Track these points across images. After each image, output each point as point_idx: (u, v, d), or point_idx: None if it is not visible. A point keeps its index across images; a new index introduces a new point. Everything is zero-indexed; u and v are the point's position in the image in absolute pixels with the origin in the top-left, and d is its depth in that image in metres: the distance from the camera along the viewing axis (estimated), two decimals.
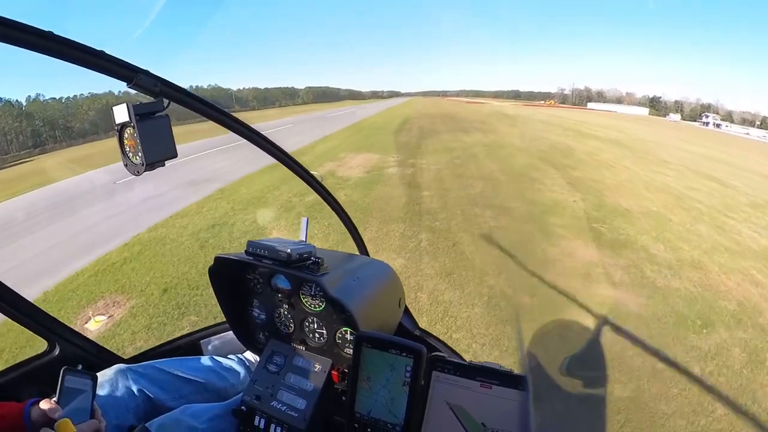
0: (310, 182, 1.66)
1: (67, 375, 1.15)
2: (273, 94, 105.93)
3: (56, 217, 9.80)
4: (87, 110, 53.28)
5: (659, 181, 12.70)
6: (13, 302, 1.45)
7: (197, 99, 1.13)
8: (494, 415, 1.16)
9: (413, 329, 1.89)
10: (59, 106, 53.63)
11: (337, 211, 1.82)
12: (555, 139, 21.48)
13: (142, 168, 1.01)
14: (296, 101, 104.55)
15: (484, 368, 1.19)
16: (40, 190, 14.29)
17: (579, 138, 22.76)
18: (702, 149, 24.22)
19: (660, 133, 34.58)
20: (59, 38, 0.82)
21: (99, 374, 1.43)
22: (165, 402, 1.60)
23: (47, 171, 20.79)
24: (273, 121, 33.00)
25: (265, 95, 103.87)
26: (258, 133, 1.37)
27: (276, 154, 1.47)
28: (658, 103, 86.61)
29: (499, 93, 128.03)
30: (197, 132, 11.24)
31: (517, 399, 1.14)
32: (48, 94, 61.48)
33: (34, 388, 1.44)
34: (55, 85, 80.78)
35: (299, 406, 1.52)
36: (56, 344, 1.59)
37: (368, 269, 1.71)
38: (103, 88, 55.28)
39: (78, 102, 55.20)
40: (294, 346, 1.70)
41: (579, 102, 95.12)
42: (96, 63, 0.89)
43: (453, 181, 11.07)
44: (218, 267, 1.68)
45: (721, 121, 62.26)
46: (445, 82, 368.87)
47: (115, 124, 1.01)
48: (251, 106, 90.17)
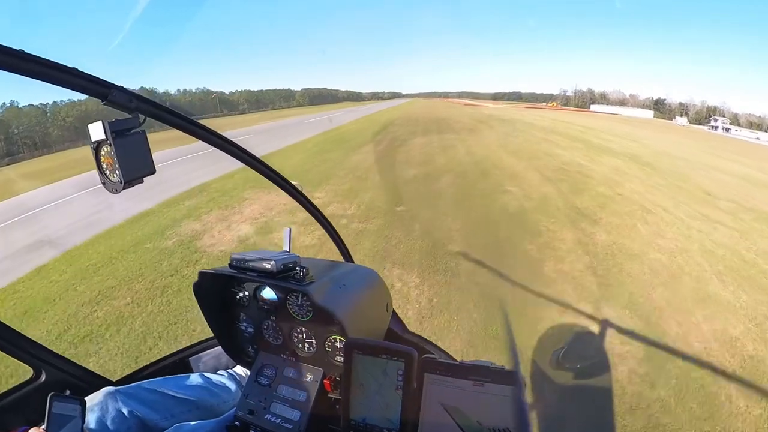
0: (289, 191, 1.66)
1: (55, 401, 1.13)
2: (267, 97, 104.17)
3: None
4: (65, 117, 51.75)
5: (719, 241, 7.90)
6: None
7: (173, 113, 1.12)
8: (489, 413, 1.16)
9: (402, 332, 1.90)
10: (36, 113, 51.89)
11: (318, 219, 1.82)
12: (562, 156, 16.51)
13: (120, 186, 1.00)
14: (291, 104, 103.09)
15: (476, 367, 1.20)
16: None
17: (591, 152, 18.00)
18: (737, 166, 19.24)
19: (678, 142, 29.68)
20: (30, 57, 0.81)
21: (87, 398, 1.41)
22: (157, 422, 1.58)
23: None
24: (235, 130, 26.10)
25: (258, 97, 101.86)
26: (237, 145, 1.37)
27: (257, 166, 1.48)
28: (662, 105, 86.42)
29: (500, 95, 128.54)
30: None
31: (510, 395, 1.15)
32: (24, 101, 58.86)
33: (22, 417, 1.41)
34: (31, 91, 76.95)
35: (293, 417, 1.51)
36: (42, 370, 1.55)
37: (354, 276, 1.71)
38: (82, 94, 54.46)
39: (56, 108, 53.58)
40: (284, 358, 1.68)
41: (582, 104, 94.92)
42: (69, 81, 0.88)
43: (381, 262, 6.39)
44: (202, 282, 1.66)
45: (730, 125, 60.13)
46: (448, 83, 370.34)
47: (91, 143, 1.00)
48: (241, 110, 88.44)
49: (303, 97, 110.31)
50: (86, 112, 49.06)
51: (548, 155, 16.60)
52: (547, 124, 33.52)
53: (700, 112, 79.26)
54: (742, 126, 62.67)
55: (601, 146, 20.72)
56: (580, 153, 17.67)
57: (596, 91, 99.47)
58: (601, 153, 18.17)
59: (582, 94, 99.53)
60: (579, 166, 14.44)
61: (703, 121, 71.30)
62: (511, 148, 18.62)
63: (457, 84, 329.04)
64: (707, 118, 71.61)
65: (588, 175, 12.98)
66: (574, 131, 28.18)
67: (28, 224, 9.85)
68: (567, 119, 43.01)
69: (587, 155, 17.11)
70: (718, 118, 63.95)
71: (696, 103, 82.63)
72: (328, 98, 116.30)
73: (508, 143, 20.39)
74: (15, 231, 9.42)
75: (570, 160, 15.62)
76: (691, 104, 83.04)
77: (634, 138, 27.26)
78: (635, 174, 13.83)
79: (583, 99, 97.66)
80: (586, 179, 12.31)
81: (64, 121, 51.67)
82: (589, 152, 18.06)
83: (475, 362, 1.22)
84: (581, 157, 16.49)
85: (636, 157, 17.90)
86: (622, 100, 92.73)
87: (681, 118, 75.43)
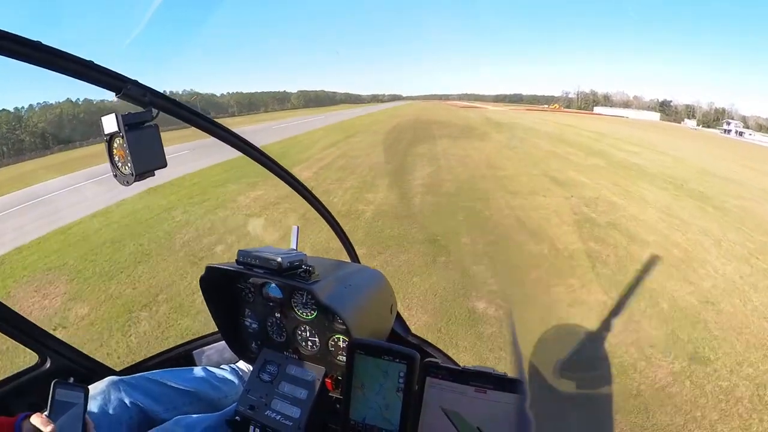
0: (300, 191, 1.66)
1: (58, 388, 1.14)
2: (260, 99, 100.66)
3: None
4: (36, 123, 47.45)
5: None
6: (2, 315, 1.43)
7: (186, 109, 1.13)
8: (490, 420, 1.16)
9: (406, 335, 1.89)
10: (8, 118, 47.31)
11: (327, 219, 1.82)
12: (582, 186, 11.41)
13: (131, 178, 1.00)
14: (285, 106, 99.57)
15: (478, 373, 1.20)
16: None
17: (619, 175, 13.22)
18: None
19: (708, 152, 24.65)
20: (48, 48, 0.82)
21: (91, 387, 1.42)
22: (158, 414, 1.59)
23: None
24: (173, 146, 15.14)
25: (250, 100, 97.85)
26: (250, 144, 1.37)
27: (269, 165, 1.48)
28: (668, 107, 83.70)
29: (501, 97, 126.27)
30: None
31: (513, 402, 1.14)
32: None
33: (25, 402, 1.42)
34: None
35: (293, 414, 1.51)
36: (47, 357, 1.57)
37: (359, 276, 1.72)
38: (58, 96, 49.76)
39: (32, 112, 49.16)
40: (287, 355, 1.69)
41: (584, 106, 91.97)
42: (85, 73, 0.89)
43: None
44: (209, 277, 1.68)
45: (743, 128, 56.78)
46: (449, 85, 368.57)
47: (104, 134, 1.01)
48: (230, 113, 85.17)
49: (298, 100, 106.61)
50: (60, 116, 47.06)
51: (561, 184, 11.48)
52: (552, 130, 29.27)
53: (707, 114, 76.67)
54: (751, 129, 59.51)
55: (626, 163, 16.03)
56: (604, 177, 12.71)
57: (599, 92, 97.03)
58: (632, 176, 13.25)
59: (585, 95, 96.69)
60: (612, 207, 9.46)
61: (711, 123, 68.88)
62: (507, 169, 13.39)
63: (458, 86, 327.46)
64: (715, 120, 69.48)
65: (630, 230, 8.00)
66: (586, 139, 24.10)
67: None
68: (573, 123, 39.24)
69: (615, 182, 12.19)
70: (731, 121, 61.23)
71: (702, 105, 79.93)
72: (324, 100, 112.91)
73: (503, 161, 15.08)
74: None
75: (595, 194, 10.45)
76: (698, 106, 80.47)
77: (661, 150, 22.22)
78: (698, 221, 8.98)
79: (585, 101, 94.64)
80: (629, 242, 7.40)
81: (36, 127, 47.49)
82: (617, 175, 13.29)
83: (477, 368, 1.21)
84: (609, 186, 11.57)
85: (679, 182, 13.01)
86: (626, 101, 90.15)
87: (690, 120, 72.46)
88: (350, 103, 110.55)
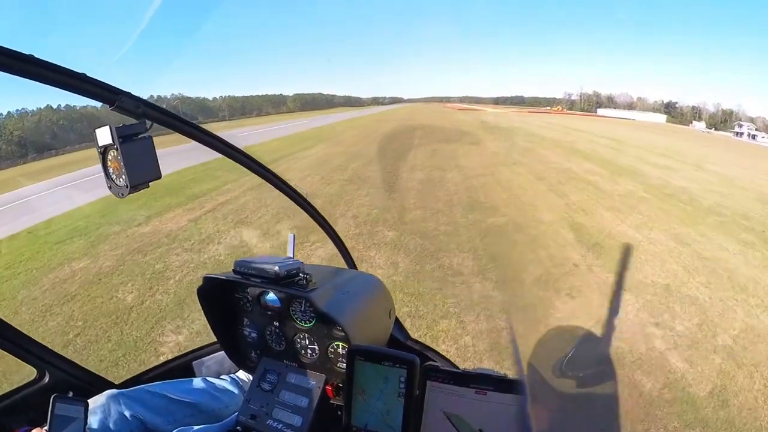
0: (295, 199, 1.67)
1: (58, 402, 1.14)
2: (254, 102, 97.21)
3: None
4: (12, 131, 44.37)
5: None
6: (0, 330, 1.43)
7: (180, 119, 1.14)
8: (491, 421, 1.16)
9: (405, 340, 1.89)
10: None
11: (322, 226, 1.83)
12: (618, 242, 7.23)
13: (126, 190, 1.01)
14: (281, 110, 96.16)
15: (478, 375, 1.20)
16: None
17: (671, 215, 9.02)
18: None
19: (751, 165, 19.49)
20: (40, 62, 0.82)
21: (90, 400, 1.41)
22: (159, 426, 1.58)
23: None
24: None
25: (243, 103, 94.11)
26: (243, 152, 1.38)
27: (264, 174, 1.50)
28: (673, 108, 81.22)
29: (502, 99, 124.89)
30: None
31: (514, 403, 1.14)
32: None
33: (25, 418, 1.41)
34: None
35: (295, 423, 1.51)
36: (45, 371, 1.56)
37: (357, 282, 1.72)
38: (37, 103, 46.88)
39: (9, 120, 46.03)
40: (287, 363, 1.68)
41: (588, 108, 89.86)
42: (79, 86, 0.89)
43: None
44: (207, 287, 1.67)
45: (756, 131, 53.92)
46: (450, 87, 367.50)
47: (98, 147, 1.02)
48: (220, 117, 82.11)
49: (294, 103, 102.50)
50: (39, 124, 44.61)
51: (593, 246, 6.93)
52: (560, 137, 24.33)
53: (713, 116, 74.19)
54: (761, 131, 56.80)
55: (669, 188, 11.80)
56: (655, 222, 8.48)
57: (602, 94, 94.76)
58: (691, 217, 9.04)
59: (588, 97, 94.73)
60: (701, 315, 5.00)
61: (720, 125, 66.67)
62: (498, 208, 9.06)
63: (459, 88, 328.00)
64: (723, 122, 67.50)
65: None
66: (603, 148, 19.74)
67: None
68: (581, 127, 35.20)
69: (675, 233, 7.81)
70: (743, 123, 58.99)
71: (709, 107, 77.12)
72: (322, 104, 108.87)
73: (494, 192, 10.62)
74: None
75: (660, 277, 5.92)
76: (704, 108, 77.73)
77: (688, 158, 18.34)
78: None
79: (589, 102, 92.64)
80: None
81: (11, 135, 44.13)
82: (668, 214, 9.11)
83: (477, 370, 1.21)
84: (669, 244, 7.19)
85: (754, 224, 8.77)
86: (630, 103, 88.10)
87: (698, 122, 69.95)
88: (349, 106, 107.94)
